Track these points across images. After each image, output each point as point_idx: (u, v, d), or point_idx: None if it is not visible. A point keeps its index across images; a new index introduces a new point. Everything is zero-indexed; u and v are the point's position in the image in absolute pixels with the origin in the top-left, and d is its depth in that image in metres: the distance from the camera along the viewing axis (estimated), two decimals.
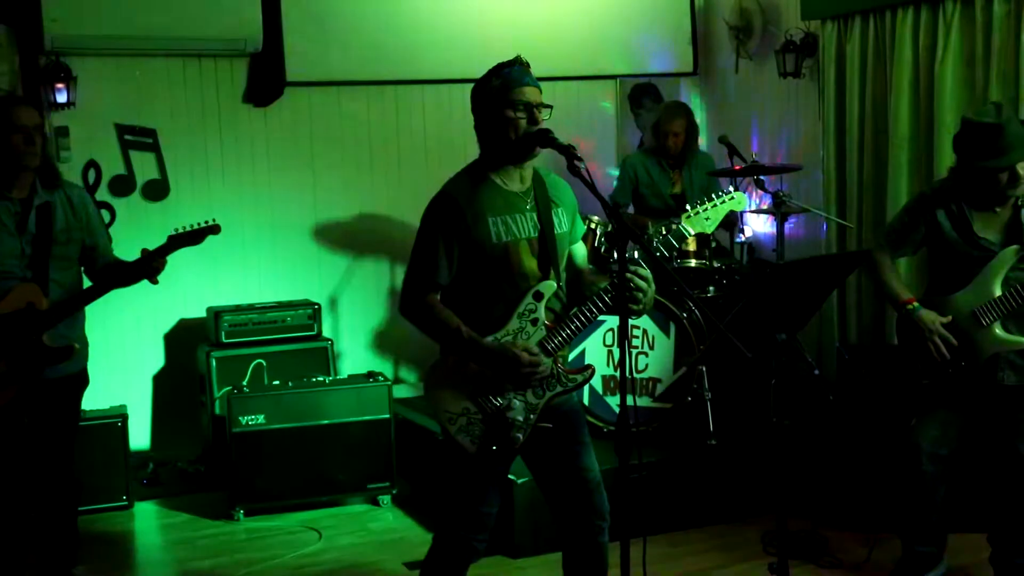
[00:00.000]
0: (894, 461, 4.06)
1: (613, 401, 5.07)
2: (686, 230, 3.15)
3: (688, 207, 3.20)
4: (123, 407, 5.39)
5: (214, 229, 4.03)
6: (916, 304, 3.94)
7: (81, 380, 4.06)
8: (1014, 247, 3.81)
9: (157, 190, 5.87)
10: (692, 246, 5.46)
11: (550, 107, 3.10)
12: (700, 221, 3.17)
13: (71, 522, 4.16)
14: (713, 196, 3.21)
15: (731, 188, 3.21)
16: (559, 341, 3.09)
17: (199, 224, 4.02)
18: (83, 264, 4.04)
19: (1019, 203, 3.84)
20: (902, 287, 4.03)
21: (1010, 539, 3.98)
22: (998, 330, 3.82)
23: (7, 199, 3.82)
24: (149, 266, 3.91)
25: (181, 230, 3.99)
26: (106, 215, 5.65)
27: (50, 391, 3.91)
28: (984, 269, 3.83)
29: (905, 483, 4.01)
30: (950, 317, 3.88)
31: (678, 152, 5.88)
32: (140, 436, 5.82)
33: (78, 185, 4.43)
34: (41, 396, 3.88)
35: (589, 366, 3.24)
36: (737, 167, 5.39)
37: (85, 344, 4.05)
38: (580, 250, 3.33)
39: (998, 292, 3.81)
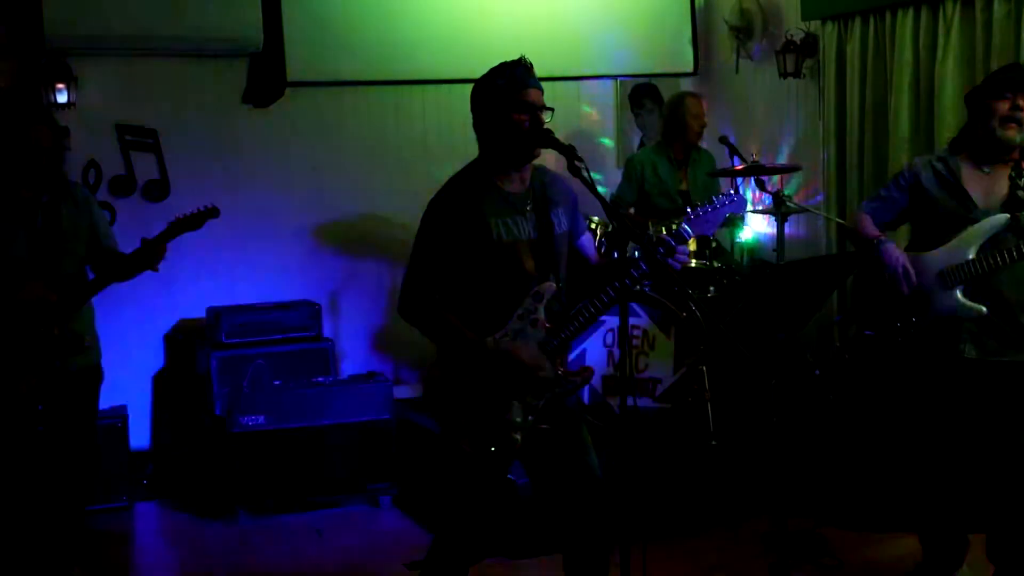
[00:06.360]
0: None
1: (614, 402, 5.06)
2: (686, 231, 3.16)
3: (688, 209, 3.20)
4: (123, 407, 5.39)
5: (213, 212, 4.15)
6: (886, 238, 3.88)
7: (96, 374, 4.13)
8: (1005, 216, 3.70)
9: (157, 190, 5.86)
10: (692, 246, 5.46)
11: (551, 110, 3.10)
12: (701, 224, 3.17)
13: (78, 521, 4.19)
14: (714, 199, 3.21)
15: (731, 190, 3.21)
16: (559, 343, 3.09)
17: (198, 210, 4.14)
18: (90, 261, 4.13)
19: (1012, 175, 3.73)
20: (875, 229, 3.93)
21: (1009, 536, 3.92)
22: (959, 294, 3.74)
23: (17, 198, 3.94)
24: (149, 254, 3.98)
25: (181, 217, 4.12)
26: (106, 215, 5.65)
27: (66, 385, 3.99)
28: (966, 230, 3.74)
29: None
30: (914, 273, 3.80)
31: (701, 137, 5.88)
32: (140, 436, 5.82)
33: (80, 184, 4.50)
34: (57, 390, 3.96)
35: (588, 368, 3.24)
36: (738, 167, 5.39)
37: (96, 339, 4.13)
38: (588, 243, 3.33)
39: (972, 256, 3.71)
